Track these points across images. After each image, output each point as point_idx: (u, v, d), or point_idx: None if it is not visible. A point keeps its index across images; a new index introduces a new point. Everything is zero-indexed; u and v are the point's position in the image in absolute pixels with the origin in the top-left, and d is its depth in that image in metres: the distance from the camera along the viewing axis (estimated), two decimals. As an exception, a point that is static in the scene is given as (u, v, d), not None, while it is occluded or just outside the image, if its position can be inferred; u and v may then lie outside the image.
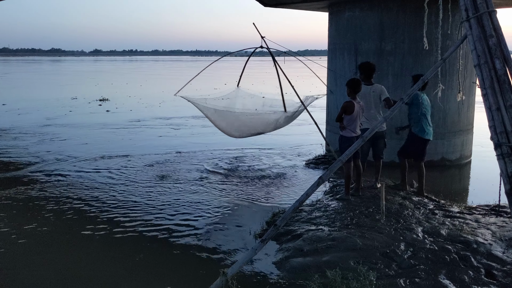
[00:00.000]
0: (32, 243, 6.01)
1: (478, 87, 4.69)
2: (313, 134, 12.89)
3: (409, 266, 4.73)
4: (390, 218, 6.01)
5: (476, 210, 6.63)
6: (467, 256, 4.87)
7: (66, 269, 5.32)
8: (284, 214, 4.74)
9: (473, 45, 4.57)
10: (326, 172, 4.78)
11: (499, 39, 4.51)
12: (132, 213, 7.24)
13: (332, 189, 7.83)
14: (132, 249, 5.92)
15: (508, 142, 4.34)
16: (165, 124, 17.09)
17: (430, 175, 9.66)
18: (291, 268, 4.92)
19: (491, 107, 4.46)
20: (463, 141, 10.72)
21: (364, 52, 10.41)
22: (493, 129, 4.45)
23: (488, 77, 4.46)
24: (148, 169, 10.03)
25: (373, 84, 7.21)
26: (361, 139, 4.87)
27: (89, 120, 17.86)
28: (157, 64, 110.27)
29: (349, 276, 4.39)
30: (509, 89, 4.41)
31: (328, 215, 6.31)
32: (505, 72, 4.45)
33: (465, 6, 4.62)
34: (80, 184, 8.84)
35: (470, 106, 10.82)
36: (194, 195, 8.19)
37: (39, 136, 14.19)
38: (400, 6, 10.03)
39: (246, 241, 6.08)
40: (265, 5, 12.31)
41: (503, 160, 4.39)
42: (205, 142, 13.42)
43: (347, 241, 5.27)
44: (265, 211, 7.16)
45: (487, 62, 4.47)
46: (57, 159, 10.94)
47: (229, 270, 4.48)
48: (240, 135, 9.36)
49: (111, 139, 13.96)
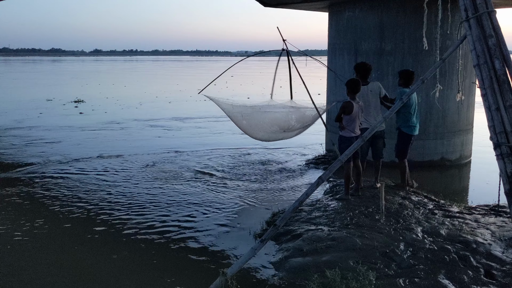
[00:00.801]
0: (32, 243, 6.02)
1: (478, 87, 4.70)
2: (313, 134, 12.90)
3: (408, 266, 4.74)
4: (389, 218, 6.02)
5: (475, 210, 6.63)
6: (466, 256, 4.87)
7: (65, 269, 5.32)
8: (284, 214, 4.75)
9: (473, 45, 4.57)
10: (326, 172, 4.78)
11: (499, 39, 4.51)
12: (131, 213, 7.24)
13: (332, 189, 7.84)
14: (131, 249, 5.92)
15: (508, 142, 4.34)
16: (146, 126, 16.59)
17: (429, 175, 9.69)
18: (291, 268, 4.92)
19: (491, 107, 4.47)
20: (463, 141, 10.72)
21: (364, 52, 10.41)
22: (493, 129, 4.46)
23: (488, 77, 4.47)
24: (144, 169, 10.03)
25: (368, 83, 7.21)
26: (360, 139, 4.87)
27: (59, 123, 16.94)
28: (154, 64, 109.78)
29: (349, 276, 4.39)
30: (508, 89, 4.41)
31: (327, 215, 6.31)
32: (505, 72, 4.45)
33: (465, 6, 4.63)
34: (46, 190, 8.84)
35: (470, 106, 10.82)
36: (193, 195, 8.19)
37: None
38: (400, 6, 10.03)
39: (245, 241, 6.09)
40: (265, 5, 12.31)
41: (502, 160, 4.40)
42: (204, 142, 13.42)
43: (346, 241, 5.27)
44: (264, 211, 7.17)
45: (487, 62, 4.48)
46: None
47: (229, 270, 4.48)
48: (263, 136, 9.23)
49: (79, 143, 13.24)
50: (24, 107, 21.78)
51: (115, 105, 23.38)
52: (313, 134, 12.96)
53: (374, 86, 7.24)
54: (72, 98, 25.65)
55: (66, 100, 25.28)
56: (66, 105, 23.33)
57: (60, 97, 26.61)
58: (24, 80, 44.77)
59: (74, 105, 23.35)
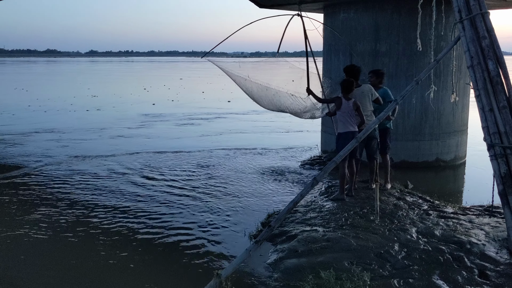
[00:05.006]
0: (32, 243, 5.99)
1: (472, 88, 4.71)
2: (308, 135, 12.92)
3: (403, 266, 4.74)
4: (384, 219, 6.02)
5: (470, 210, 6.65)
6: (460, 257, 4.88)
7: (66, 269, 5.30)
8: (279, 215, 4.74)
9: (466, 46, 4.59)
10: (320, 173, 4.79)
11: (492, 41, 4.53)
12: (124, 216, 7.22)
13: (327, 190, 7.83)
14: (127, 250, 5.90)
15: (501, 143, 4.36)
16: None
17: (424, 176, 9.72)
18: (286, 269, 4.92)
19: (484, 108, 4.48)
20: (458, 142, 10.77)
21: (359, 54, 10.44)
22: (486, 130, 4.47)
23: (481, 78, 4.48)
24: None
25: (360, 85, 7.21)
26: (355, 139, 4.88)
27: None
28: (142, 64, 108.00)
29: (343, 277, 4.39)
30: (502, 90, 4.43)
31: (322, 216, 6.31)
32: (498, 73, 4.47)
33: (458, 8, 4.65)
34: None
35: (465, 107, 10.87)
36: (187, 197, 8.17)
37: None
38: (395, 8, 10.07)
39: (240, 242, 6.08)
40: (260, 6, 12.31)
41: (496, 161, 4.41)
42: (202, 142, 13.42)
43: (341, 241, 5.27)
44: (260, 212, 7.16)
45: (480, 63, 4.50)
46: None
47: (223, 271, 4.46)
48: (267, 106, 8.87)
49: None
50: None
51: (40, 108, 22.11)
52: (308, 135, 12.99)
53: (365, 88, 7.26)
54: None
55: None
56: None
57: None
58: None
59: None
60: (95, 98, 27.50)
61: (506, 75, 4.60)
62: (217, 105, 24.00)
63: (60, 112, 20.86)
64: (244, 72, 7.99)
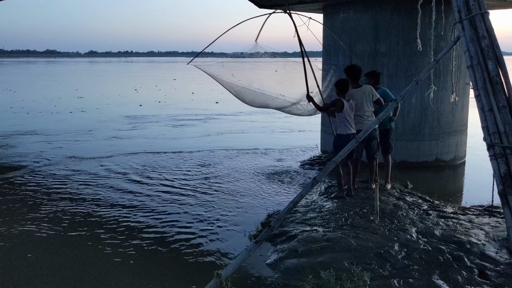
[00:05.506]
0: (32, 244, 5.99)
1: (471, 88, 4.72)
2: (308, 135, 12.92)
3: (403, 266, 4.74)
4: (384, 219, 6.03)
5: (469, 210, 6.65)
6: (460, 257, 4.88)
7: (65, 269, 5.31)
8: (279, 215, 4.75)
9: (466, 46, 4.59)
10: (320, 173, 4.79)
11: (492, 41, 4.53)
12: (124, 215, 7.22)
13: (327, 190, 7.84)
14: (129, 249, 5.90)
15: (501, 143, 4.37)
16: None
17: (424, 176, 9.73)
18: (286, 269, 4.92)
19: (484, 108, 4.49)
20: (457, 142, 10.77)
21: (358, 54, 10.44)
22: (486, 130, 4.48)
23: (481, 78, 4.49)
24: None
25: (361, 86, 7.21)
26: (354, 140, 4.89)
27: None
28: (141, 65, 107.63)
29: (343, 277, 4.40)
30: (501, 90, 4.44)
31: (322, 216, 6.31)
32: (498, 73, 4.47)
33: (458, 8, 4.65)
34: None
35: (464, 106, 10.87)
36: (187, 197, 8.18)
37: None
38: (394, 8, 10.07)
39: (240, 243, 6.08)
40: (260, 6, 12.31)
41: (496, 161, 4.42)
42: (200, 142, 13.42)
43: (341, 242, 5.28)
44: (260, 213, 7.17)
45: (480, 63, 4.50)
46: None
47: (223, 271, 4.47)
48: (252, 104, 8.86)
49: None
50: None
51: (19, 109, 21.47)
52: (308, 136, 12.99)
53: (367, 89, 7.26)
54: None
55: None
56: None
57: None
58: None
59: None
60: (80, 99, 27.05)
61: (506, 75, 4.61)
62: (204, 106, 23.53)
63: (42, 114, 20.25)
64: (228, 71, 8.03)
